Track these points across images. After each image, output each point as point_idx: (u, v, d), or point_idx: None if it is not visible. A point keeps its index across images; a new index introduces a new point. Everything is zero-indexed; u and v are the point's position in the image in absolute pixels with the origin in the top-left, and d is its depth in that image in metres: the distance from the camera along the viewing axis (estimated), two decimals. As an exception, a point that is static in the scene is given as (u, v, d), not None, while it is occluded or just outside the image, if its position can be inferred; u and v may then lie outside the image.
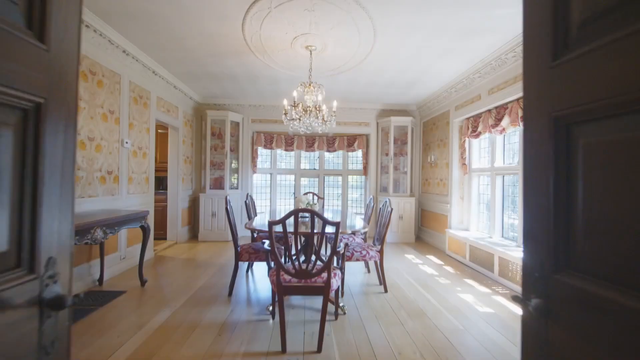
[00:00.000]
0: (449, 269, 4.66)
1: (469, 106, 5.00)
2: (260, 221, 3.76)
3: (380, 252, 3.57)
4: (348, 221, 3.98)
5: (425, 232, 6.66)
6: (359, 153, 7.73)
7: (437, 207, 6.04)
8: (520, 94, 4.26)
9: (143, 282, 3.70)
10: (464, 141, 5.31)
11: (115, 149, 4.08)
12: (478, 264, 4.49)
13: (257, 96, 6.53)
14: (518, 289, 3.66)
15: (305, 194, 5.92)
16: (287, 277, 2.48)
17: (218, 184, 6.75)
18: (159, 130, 6.77)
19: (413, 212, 6.51)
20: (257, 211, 7.65)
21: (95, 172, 3.72)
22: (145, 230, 3.68)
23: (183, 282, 3.90)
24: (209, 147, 6.59)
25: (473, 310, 3.17)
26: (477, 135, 4.92)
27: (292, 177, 8.05)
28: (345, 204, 7.87)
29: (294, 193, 8.06)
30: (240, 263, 3.51)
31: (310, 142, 7.67)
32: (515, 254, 3.76)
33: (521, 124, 3.89)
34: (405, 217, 6.48)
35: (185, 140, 6.42)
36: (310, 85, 3.88)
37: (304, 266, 2.47)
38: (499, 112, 4.39)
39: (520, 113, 3.93)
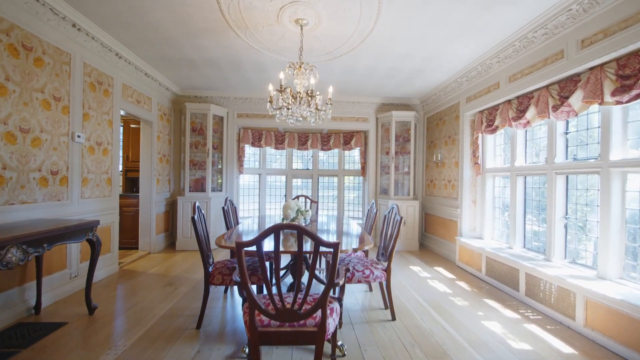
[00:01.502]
0: (462, 285, 4.00)
1: (484, 97, 4.36)
2: (244, 229, 3.06)
3: (387, 270, 2.89)
4: (345, 227, 3.30)
5: (430, 239, 6.01)
6: (357, 152, 7.07)
7: (444, 211, 5.39)
8: (552, 79, 3.36)
9: (91, 309, 2.96)
10: (477, 137, 4.67)
11: (62, 143, 3.34)
12: (497, 280, 3.85)
13: (243, 87, 5.82)
14: (553, 314, 3.01)
15: (296, 197, 5.23)
16: (266, 319, 1.78)
17: (199, 185, 6.02)
18: (132, 125, 6.02)
19: (417, 216, 5.86)
20: (243, 216, 6.94)
21: (32, 172, 2.98)
22: (93, 244, 2.95)
23: (145, 306, 3.18)
24: (188, 144, 5.86)
25: (505, 347, 2.51)
26: (494, 130, 4.28)
27: (283, 178, 7.37)
28: (342, 207, 7.19)
29: (285, 196, 7.37)
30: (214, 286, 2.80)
31: (303, 139, 6.99)
32: (548, 270, 3.12)
33: (553, 114, 3.26)
34: (408, 222, 5.83)
35: (161, 136, 5.68)
36: (300, 66, 3.19)
37: (289, 300, 1.79)
38: (522, 103, 3.76)
39: (551, 102, 3.29)
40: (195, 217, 2.59)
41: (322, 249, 1.73)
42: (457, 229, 4.99)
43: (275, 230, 1.64)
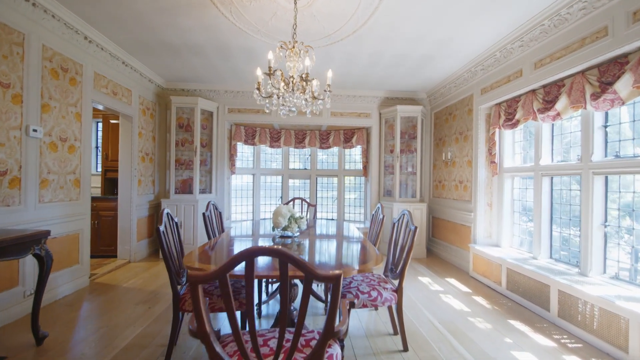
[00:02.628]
0: (480, 300, 3.50)
1: (502, 87, 3.86)
2: (229, 239, 2.55)
3: (398, 292, 2.38)
4: (346, 239, 2.79)
5: (438, 244, 5.50)
6: (358, 150, 6.57)
7: (454, 215, 4.89)
8: (590, 63, 2.67)
9: (40, 339, 2.45)
10: (493, 133, 4.17)
11: (13, 138, 2.83)
12: (522, 296, 3.34)
13: (233, 79, 5.31)
14: (597, 342, 2.50)
15: (292, 200, 4.72)
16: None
17: (186, 187, 5.51)
18: (112, 121, 5.51)
19: (424, 221, 5.35)
20: (236, 220, 6.41)
21: (-31, 171, 2.47)
22: (43, 260, 2.44)
23: (108, 332, 2.67)
24: (173, 141, 5.34)
25: (548, 390, 2.01)
26: (513, 125, 3.78)
27: (279, 178, 6.86)
28: (342, 210, 6.68)
29: (282, 197, 6.86)
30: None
31: (300, 137, 6.48)
32: (588, 288, 2.61)
33: (592, 104, 2.75)
34: (415, 227, 5.31)
35: (144, 133, 5.16)
36: (294, 46, 2.68)
37: (273, 344, 1.28)
38: (550, 92, 3.26)
39: (589, 90, 2.79)
40: (162, 228, 2.08)
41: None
42: (470, 235, 4.49)
43: (249, 256, 1.13)
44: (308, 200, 6.81)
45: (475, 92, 4.43)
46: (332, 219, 6.75)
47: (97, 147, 6.20)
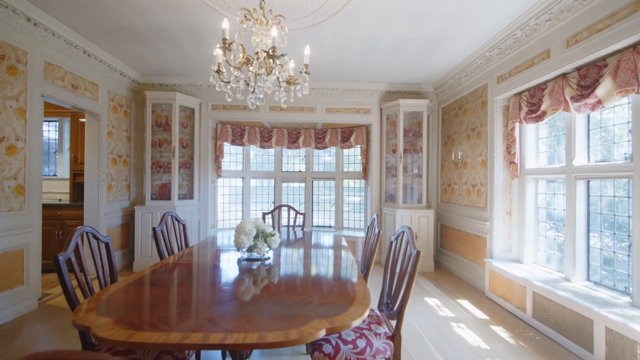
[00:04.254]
0: (500, 332, 2.85)
1: (524, 73, 3.22)
2: (174, 263, 1.96)
3: (395, 339, 1.76)
4: (333, 250, 2.18)
5: (447, 256, 4.85)
6: (358, 150, 5.96)
7: (466, 224, 4.24)
8: None
9: None
10: (513, 128, 3.52)
11: None
12: (553, 328, 2.69)
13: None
14: (667, 404, 1.85)
15: (278, 208, 4.12)
16: None
17: (165, 192, 4.96)
18: (82, 119, 4.97)
19: (431, 229, 4.71)
20: (223, 228, 5.81)
21: None
22: None
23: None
24: (149, 141, 4.79)
25: None
26: (538, 118, 3.14)
27: (272, 182, 6.28)
28: (340, 217, 6.06)
29: (274, 203, 6.28)
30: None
31: (293, 136, 5.90)
32: (651, 330, 1.96)
33: (650, 85, 2.10)
34: (421, 237, 4.69)
35: (115, 132, 4.63)
36: (264, 15, 2.08)
37: None
38: (588, 75, 2.61)
39: (645, 67, 2.14)
40: (61, 257, 1.49)
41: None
42: (485, 248, 3.84)
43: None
44: (297, 207, 6.21)
45: (490, 81, 3.78)
46: (330, 227, 6.15)
47: (49, 149, 5.69)
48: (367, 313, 1.33)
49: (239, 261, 2.19)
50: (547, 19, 2.85)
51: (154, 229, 2.44)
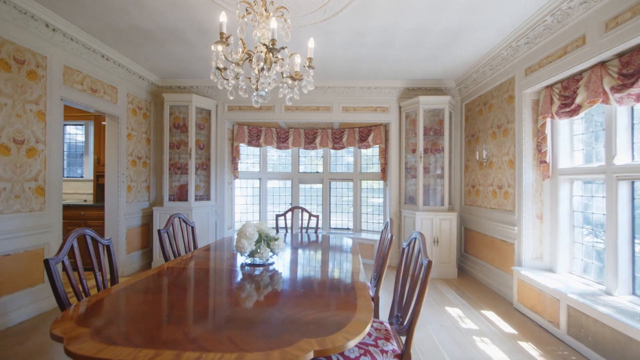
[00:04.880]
0: (530, 349, 2.58)
1: (556, 63, 2.92)
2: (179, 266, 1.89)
3: (404, 358, 1.58)
4: (345, 255, 2.04)
5: (472, 262, 4.55)
6: (376, 150, 5.76)
7: (492, 228, 3.94)
8: None
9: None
10: (543, 124, 3.22)
11: (-59, 140, 2.38)
12: (592, 348, 2.39)
13: (229, 72, 4.72)
14: None
15: (291, 209, 4.01)
16: None
17: (184, 193, 5.00)
18: (104, 122, 5.12)
19: (454, 233, 4.43)
20: (238, 229, 5.79)
21: None
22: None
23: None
24: (167, 143, 4.85)
25: None
26: (573, 112, 2.83)
27: (289, 183, 6.20)
28: (358, 219, 5.88)
29: (291, 204, 6.20)
30: None
31: (310, 136, 5.80)
32: None
33: None
34: (443, 241, 4.42)
35: (135, 134, 4.72)
36: (265, 8, 1.98)
37: None
38: (632, 62, 2.31)
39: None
40: (52, 261, 1.45)
41: None
42: (513, 255, 3.54)
43: None
44: (314, 209, 6.09)
45: (517, 74, 3.49)
46: (348, 229, 5.98)
47: (77, 152, 5.89)
48: (366, 331, 1.18)
49: (242, 266, 2.10)
50: (581, 1, 2.56)
51: (158, 231, 2.40)
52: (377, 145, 5.43)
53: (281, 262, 2.24)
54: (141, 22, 3.24)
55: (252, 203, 6.11)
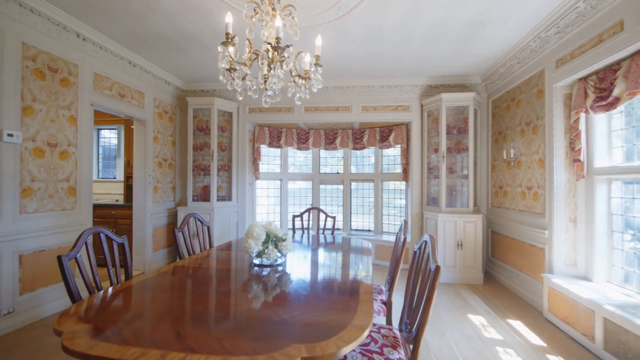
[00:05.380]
0: (560, 363, 2.38)
1: (590, 53, 2.68)
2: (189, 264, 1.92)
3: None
4: (358, 258, 1.98)
5: (499, 267, 4.30)
6: (398, 150, 5.61)
7: (520, 231, 3.70)
8: None
9: (-21, 376, 2.09)
10: (577, 120, 2.97)
11: (-18, 144, 2.59)
12: (631, 366, 2.16)
13: (249, 75, 4.79)
14: None
15: (307, 210, 3.99)
16: None
17: (207, 193, 5.14)
18: (132, 126, 5.37)
19: (479, 236, 4.21)
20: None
21: None
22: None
23: (60, 371, 2.24)
24: (191, 145, 5.01)
25: None
26: (610, 106, 2.59)
27: (310, 184, 6.20)
28: (379, 221, 5.76)
29: (312, 205, 6.19)
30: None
31: (330, 137, 5.77)
32: None
33: None
34: (467, 244, 4.21)
35: (161, 137, 4.92)
36: (273, 7, 1.98)
37: None
38: (678, 47, 2.06)
39: None
40: (65, 258, 1.52)
41: None
42: (543, 261, 3.30)
43: None
44: (335, 210, 6.03)
45: (547, 66, 3.25)
46: (369, 231, 5.88)
47: (111, 154, 6.21)
48: (361, 339, 1.12)
49: (251, 266, 2.10)
50: (619, -17, 2.33)
51: (173, 231, 2.47)
52: (399, 145, 5.28)
53: (290, 263, 2.22)
54: (161, 28, 3.36)
55: (273, 204, 6.16)
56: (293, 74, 2.07)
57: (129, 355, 0.95)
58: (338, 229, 6.06)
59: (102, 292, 1.58)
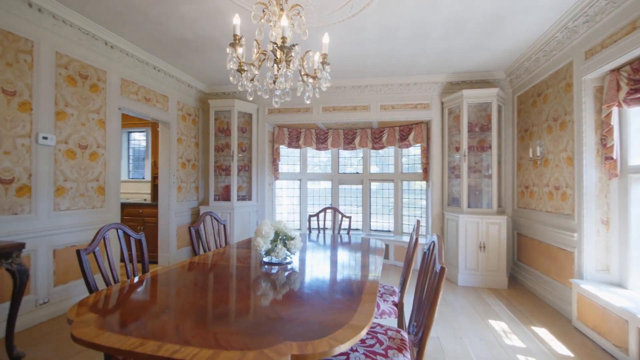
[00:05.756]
0: (587, 375, 2.22)
1: (623, 42, 2.49)
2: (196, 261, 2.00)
3: (414, 370, 1.46)
4: (371, 258, 1.96)
5: (525, 271, 4.09)
6: (418, 149, 5.49)
7: (548, 234, 3.50)
8: None
9: (15, 359, 2.26)
10: (609, 114, 2.76)
11: (20, 146, 2.81)
12: (669, 381, 1.98)
13: (268, 76, 4.87)
14: None
15: (323, 210, 3.98)
16: None
17: (228, 193, 5.28)
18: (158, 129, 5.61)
19: (503, 238, 4.02)
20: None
21: (-34, 180, 2.45)
22: (16, 276, 2.25)
23: (90, 356, 2.38)
24: (212, 146, 5.17)
25: None
26: (646, 98, 2.39)
27: (329, 184, 6.20)
28: (399, 222, 5.66)
29: (331, 205, 6.18)
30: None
31: (349, 137, 5.74)
32: None
33: None
34: (491, 246, 4.04)
35: (184, 139, 5.11)
36: (281, 7, 2.00)
37: None
38: None
39: None
40: (83, 252, 1.62)
41: None
42: (572, 265, 3.10)
43: None
44: (354, 210, 5.98)
45: (575, 58, 3.05)
46: (389, 231, 5.79)
47: (140, 155, 6.50)
48: (356, 338, 1.11)
49: (261, 264, 2.13)
50: (655, -34, 2.15)
51: (189, 228, 2.55)
52: (419, 144, 5.16)
53: (300, 262, 2.23)
54: (181, 33, 3.49)
55: (292, 204, 6.22)
56: (302, 73, 2.08)
57: (128, 344, 1.00)
58: (357, 229, 6.01)
59: (116, 284, 1.66)
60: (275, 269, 2.01)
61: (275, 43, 1.81)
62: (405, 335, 1.78)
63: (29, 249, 2.85)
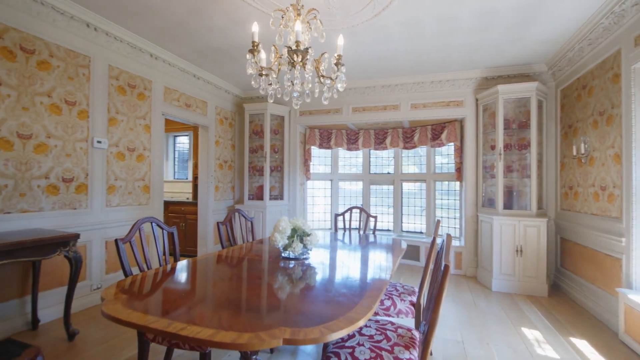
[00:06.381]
0: (629, 392, 2.03)
1: (678, 25, 2.23)
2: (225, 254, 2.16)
3: (418, 368, 1.47)
4: (388, 259, 1.98)
5: (568, 278, 3.78)
6: (451, 148, 5.31)
7: (592, 238, 3.21)
8: None
9: (71, 335, 2.60)
10: (663, 107, 2.49)
11: (79, 149, 3.21)
12: None
13: (298, 79, 5.02)
14: None
15: (349, 209, 4.00)
16: None
17: (261, 193, 5.52)
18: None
19: (543, 243, 3.76)
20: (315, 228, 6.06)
21: (36, 179, 2.86)
22: (72, 262, 2.59)
23: (132, 336, 2.66)
24: (247, 148, 5.44)
25: None
26: None
27: (360, 184, 6.21)
28: (431, 222, 5.50)
29: (362, 205, 6.18)
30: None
31: (380, 137, 5.71)
32: None
33: None
34: (529, 251, 3.80)
35: (222, 141, 5.43)
36: (299, 12, 2.10)
37: None
38: None
39: None
40: (120, 242, 1.84)
41: None
42: (619, 273, 2.82)
43: None
44: (386, 211, 5.91)
45: (623, 45, 2.78)
46: (421, 233, 5.65)
47: (184, 157, 6.96)
48: (349, 329, 1.15)
49: (280, 259, 2.24)
50: None
51: (217, 224, 2.75)
52: (452, 143, 4.99)
53: (317, 259, 2.30)
54: (216, 43, 3.74)
55: (324, 204, 6.31)
56: (318, 75, 2.16)
57: (144, 321, 1.14)
58: (389, 230, 5.95)
59: (148, 271, 1.86)
60: (292, 264, 2.11)
61: (289, 47, 1.90)
62: (416, 334, 1.78)
63: (84, 240, 3.24)
